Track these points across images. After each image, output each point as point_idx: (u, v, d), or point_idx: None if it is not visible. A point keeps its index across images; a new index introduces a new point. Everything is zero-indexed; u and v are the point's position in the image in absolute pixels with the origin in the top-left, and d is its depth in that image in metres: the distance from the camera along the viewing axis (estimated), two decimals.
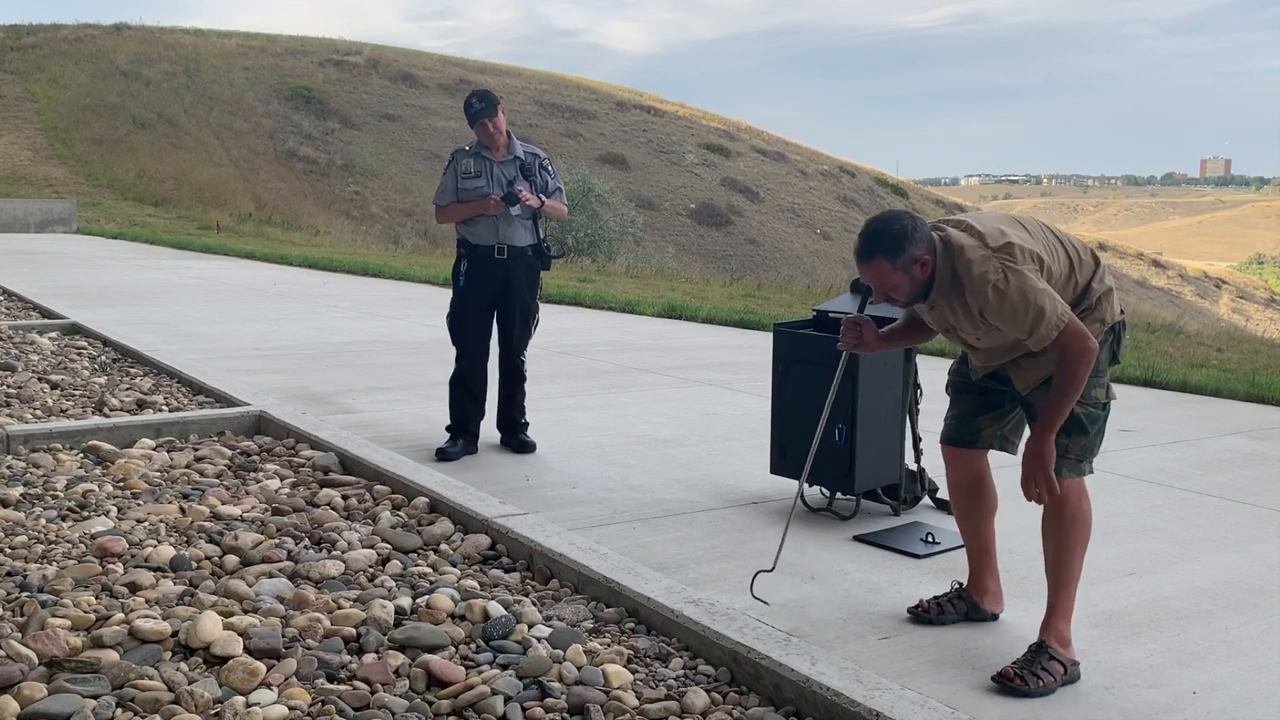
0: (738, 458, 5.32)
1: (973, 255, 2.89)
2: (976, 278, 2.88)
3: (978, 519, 3.36)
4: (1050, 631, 2.98)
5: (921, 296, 3.02)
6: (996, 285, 2.85)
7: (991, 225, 2.98)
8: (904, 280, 2.95)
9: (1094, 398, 3.03)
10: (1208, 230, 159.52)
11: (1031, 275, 2.86)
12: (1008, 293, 2.84)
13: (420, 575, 3.65)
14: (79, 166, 36.21)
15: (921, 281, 2.97)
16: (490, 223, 5.29)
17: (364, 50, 55.46)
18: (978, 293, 2.89)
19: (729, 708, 2.82)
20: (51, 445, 5.20)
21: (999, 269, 2.86)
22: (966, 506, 3.37)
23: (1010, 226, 3.01)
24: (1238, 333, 15.93)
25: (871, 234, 2.96)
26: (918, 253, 2.92)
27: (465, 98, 5.40)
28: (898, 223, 2.94)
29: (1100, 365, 3.01)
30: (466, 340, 5.42)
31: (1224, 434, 6.24)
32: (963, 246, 2.92)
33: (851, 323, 3.25)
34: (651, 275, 19.09)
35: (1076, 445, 3.02)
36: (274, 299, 12.55)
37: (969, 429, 3.28)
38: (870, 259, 2.95)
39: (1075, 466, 3.03)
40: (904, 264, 2.92)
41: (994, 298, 2.86)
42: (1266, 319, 52.79)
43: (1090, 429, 3.04)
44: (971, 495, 3.35)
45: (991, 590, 3.38)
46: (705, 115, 61.74)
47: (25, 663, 2.80)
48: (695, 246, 44.26)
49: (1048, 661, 2.90)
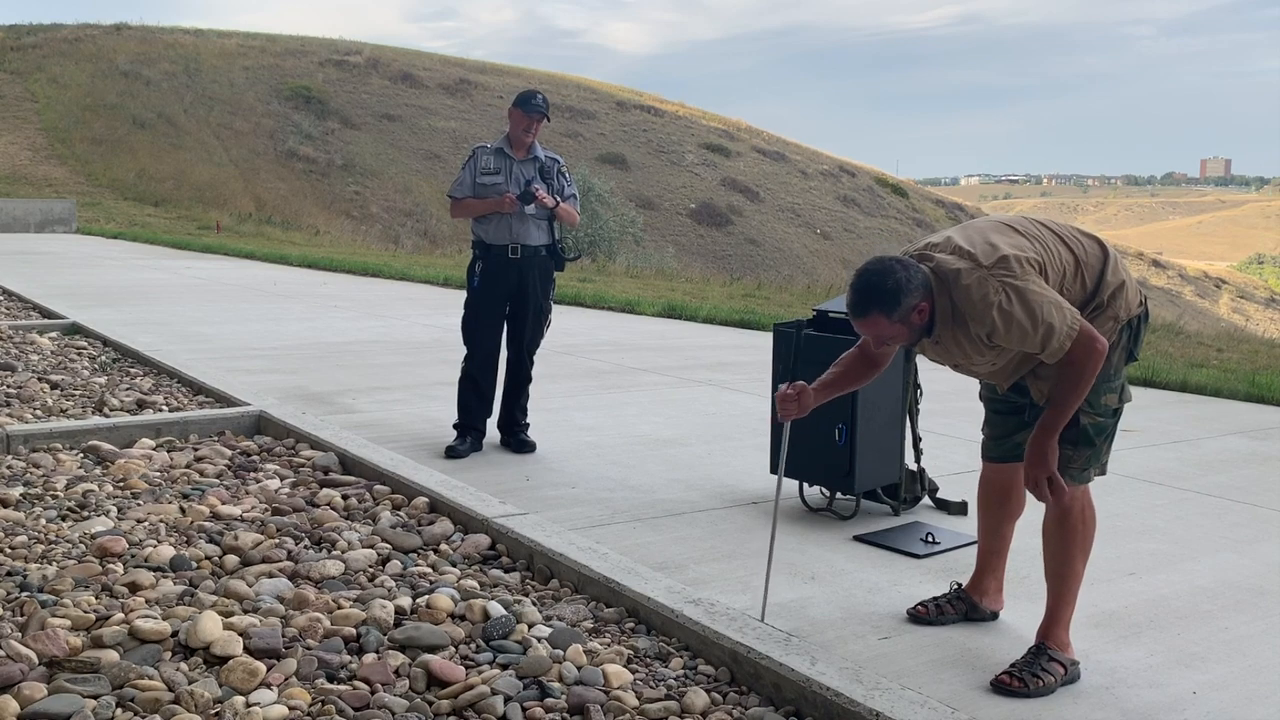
0: (738, 458, 5.32)
1: (969, 280, 2.75)
2: (978, 302, 2.74)
3: (1000, 521, 3.34)
4: (1051, 638, 2.97)
5: (925, 335, 2.91)
6: (1001, 306, 2.72)
7: (981, 241, 2.82)
8: (902, 330, 2.85)
9: (1104, 406, 2.92)
10: (1208, 230, 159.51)
11: (1035, 287, 2.73)
12: (1013, 313, 2.71)
13: (420, 575, 3.65)
14: (79, 166, 36.21)
15: (920, 326, 2.86)
16: (505, 222, 5.29)
17: (364, 50, 55.45)
18: (982, 318, 2.75)
19: (729, 708, 2.82)
20: (51, 445, 5.20)
21: (999, 288, 2.72)
22: (993, 508, 3.33)
23: (1002, 235, 2.85)
24: (1238, 333, 15.94)
25: (865, 289, 2.80)
26: (914, 302, 2.79)
27: (529, 90, 5.44)
28: (891, 276, 2.77)
29: (1114, 368, 2.90)
30: (478, 339, 5.42)
31: (1224, 434, 6.24)
32: (958, 272, 2.77)
33: (785, 394, 3.16)
34: (651, 275, 19.09)
35: (1081, 456, 2.93)
36: (274, 299, 12.55)
37: (1009, 446, 3.20)
38: (866, 315, 2.82)
39: (1079, 475, 2.95)
40: (901, 316, 2.80)
41: (1000, 320, 2.73)
42: (1266, 319, 52.81)
43: (1097, 439, 2.94)
44: (1001, 498, 3.31)
45: (991, 592, 3.37)
46: (705, 115, 61.74)
47: (25, 663, 2.80)
48: (695, 246, 44.25)
49: (1048, 662, 2.90)
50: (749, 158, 55.79)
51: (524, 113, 5.28)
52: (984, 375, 3.06)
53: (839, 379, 3.20)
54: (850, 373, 3.20)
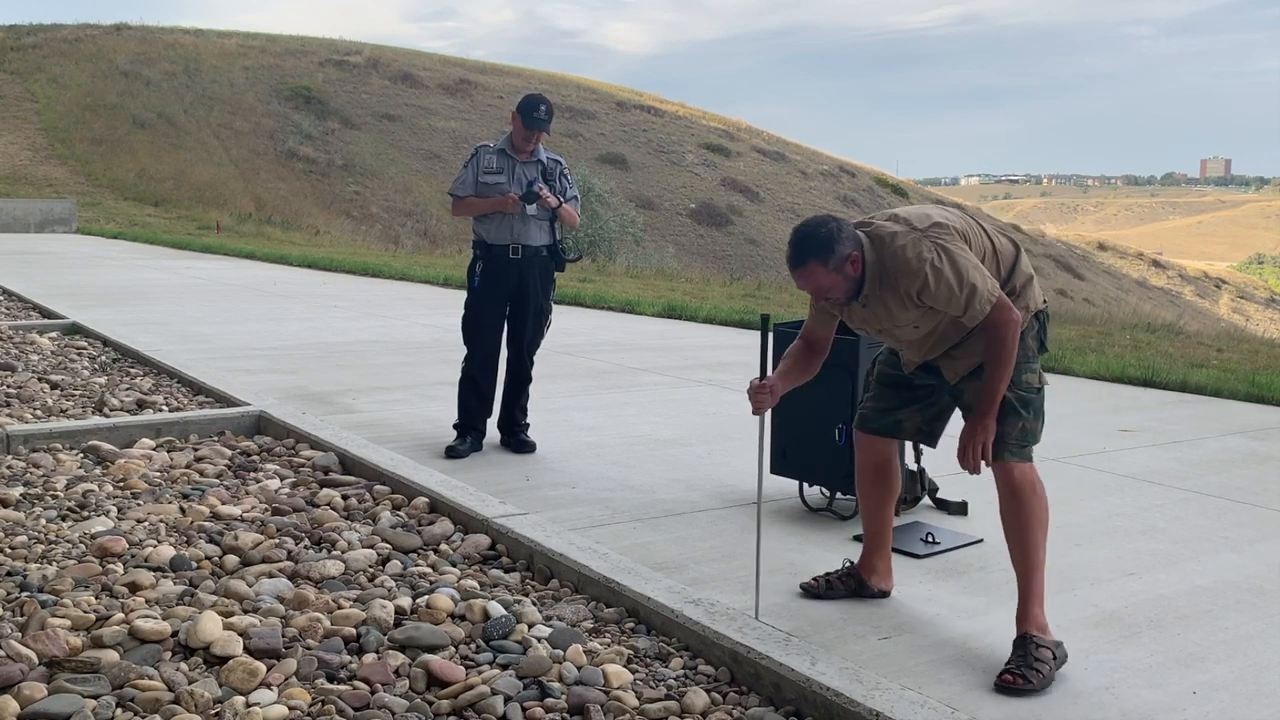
0: (738, 458, 5.32)
1: (904, 240, 3.01)
2: (912, 259, 2.98)
3: (880, 501, 3.51)
4: (1029, 620, 3.05)
5: (855, 294, 3.11)
6: (933, 263, 2.96)
7: (920, 213, 3.11)
8: (839, 280, 3.05)
9: (1026, 383, 3.13)
10: (1208, 230, 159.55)
11: (963, 251, 3.00)
12: (943, 269, 2.96)
13: (420, 575, 3.65)
14: (79, 166, 36.20)
15: (854, 279, 3.06)
16: (506, 221, 5.29)
17: (364, 50, 55.44)
18: (915, 274, 2.98)
19: (729, 708, 2.82)
20: (51, 445, 5.20)
21: (932, 247, 2.98)
22: (871, 489, 3.50)
23: (937, 213, 3.13)
24: (1238, 333, 15.94)
25: (801, 240, 3.04)
26: (847, 251, 3.02)
27: (533, 97, 5.30)
28: (824, 226, 3.04)
29: (1030, 353, 3.15)
30: (479, 339, 5.42)
31: (1224, 434, 6.24)
32: (893, 234, 3.03)
33: (759, 389, 3.28)
34: (651, 275, 19.09)
35: (1014, 429, 3.11)
36: (274, 299, 12.55)
37: (890, 420, 3.41)
38: (803, 264, 3.04)
39: (1019, 451, 3.11)
40: (836, 264, 3.01)
41: (931, 275, 2.96)
42: (1266, 319, 52.80)
43: (1025, 412, 3.12)
44: (877, 478, 3.49)
45: (880, 570, 3.52)
46: (705, 115, 61.73)
47: (25, 663, 2.80)
48: (695, 246, 44.24)
49: (1036, 650, 2.95)
50: (749, 158, 55.79)
51: (525, 126, 5.25)
52: (905, 341, 3.23)
53: (792, 369, 3.37)
54: (799, 362, 3.37)
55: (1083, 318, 13.94)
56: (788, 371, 3.36)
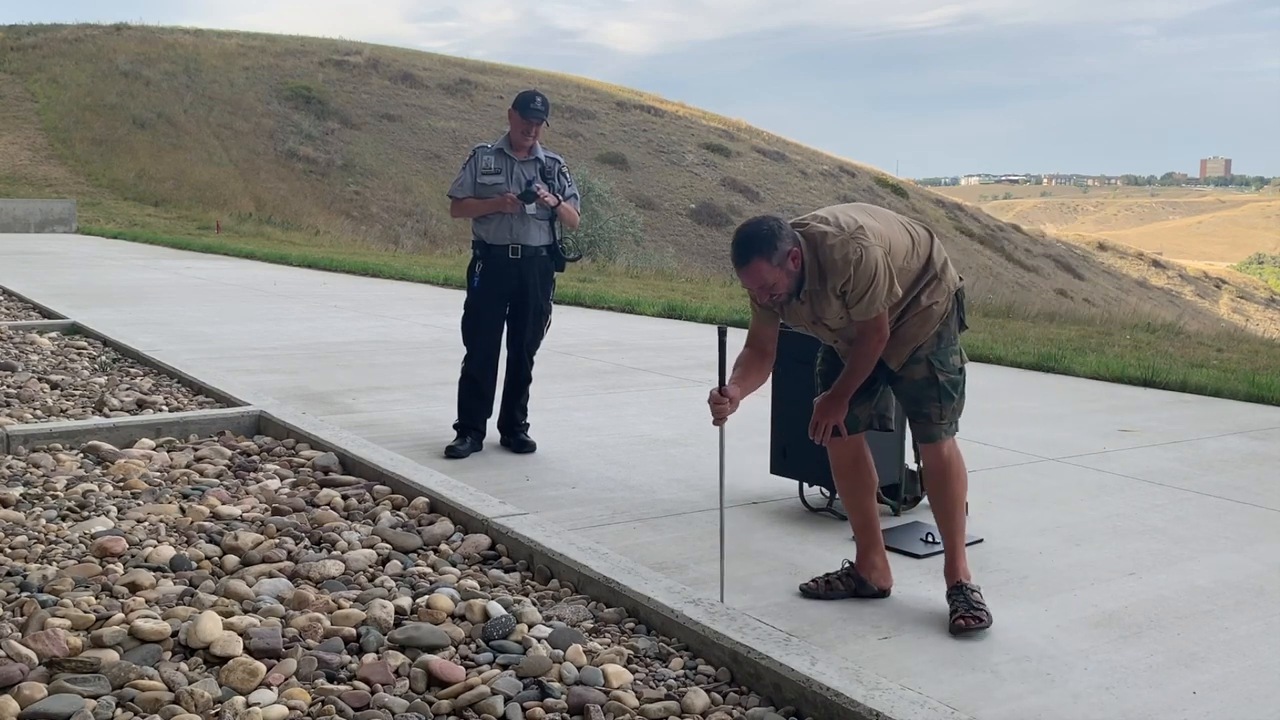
0: (737, 458, 5.30)
1: (834, 240, 3.22)
2: (839, 260, 3.19)
3: (859, 496, 3.59)
4: (959, 572, 3.38)
5: (797, 291, 3.27)
6: (855, 262, 3.19)
7: (847, 215, 3.31)
8: (782, 276, 3.20)
9: (952, 364, 3.41)
10: (1208, 230, 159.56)
11: (882, 255, 3.22)
12: (863, 265, 3.19)
13: (420, 575, 3.65)
14: (79, 166, 36.20)
15: (795, 274, 3.23)
16: (505, 221, 5.29)
17: (364, 50, 55.43)
18: (841, 271, 3.20)
19: (729, 708, 2.82)
20: (51, 445, 5.20)
21: (857, 248, 3.20)
22: (847, 485, 3.60)
23: (862, 216, 3.34)
24: (1238, 333, 15.93)
25: (745, 239, 3.20)
26: (788, 248, 3.18)
27: (528, 91, 5.38)
28: (764, 224, 3.21)
29: (952, 332, 3.43)
30: (479, 340, 5.42)
31: (1224, 434, 6.24)
32: (825, 233, 3.24)
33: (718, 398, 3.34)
34: (651, 275, 19.08)
35: (947, 410, 3.41)
36: (274, 299, 12.55)
37: (849, 418, 3.48)
38: (748, 262, 3.18)
39: (949, 429, 3.43)
40: (779, 260, 3.18)
41: (853, 271, 3.19)
42: (1266, 319, 52.79)
43: (955, 394, 3.42)
44: (852, 473, 3.58)
45: (879, 567, 3.57)
46: (705, 115, 61.72)
47: (25, 663, 2.80)
48: (695, 246, 44.23)
49: (972, 595, 3.30)
50: (749, 158, 55.78)
51: (523, 117, 5.27)
52: (834, 333, 3.42)
53: (746, 374, 3.47)
54: (750, 367, 3.47)
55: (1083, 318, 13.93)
56: (743, 378, 3.45)
